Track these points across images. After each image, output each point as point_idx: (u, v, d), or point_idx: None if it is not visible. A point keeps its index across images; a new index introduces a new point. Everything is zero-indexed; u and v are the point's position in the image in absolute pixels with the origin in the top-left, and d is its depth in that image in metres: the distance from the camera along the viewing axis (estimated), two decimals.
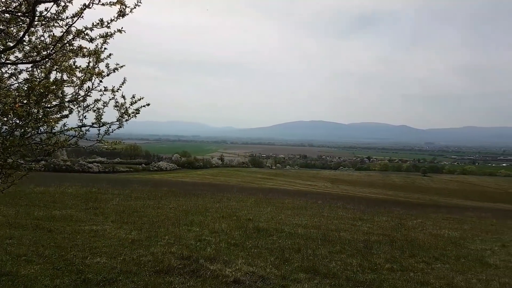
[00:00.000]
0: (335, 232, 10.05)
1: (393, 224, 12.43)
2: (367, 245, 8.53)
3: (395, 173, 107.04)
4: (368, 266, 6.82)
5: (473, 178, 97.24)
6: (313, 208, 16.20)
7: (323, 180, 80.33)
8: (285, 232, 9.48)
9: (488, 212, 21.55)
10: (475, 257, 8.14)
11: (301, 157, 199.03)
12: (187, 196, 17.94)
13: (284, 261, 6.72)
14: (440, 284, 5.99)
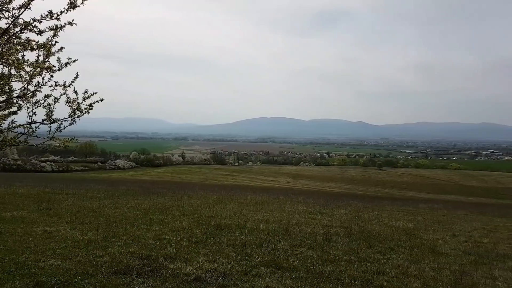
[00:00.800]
0: (296, 226, 10.24)
1: (351, 217, 12.85)
2: (327, 238, 8.77)
3: (353, 168, 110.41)
4: (327, 258, 7.00)
5: (426, 172, 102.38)
6: (275, 203, 16.40)
7: (285, 175, 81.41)
8: (247, 228, 9.51)
9: (440, 203, 22.81)
10: (428, 246, 8.56)
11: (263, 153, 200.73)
12: (146, 194, 17.56)
13: (246, 257, 6.73)
14: (395, 273, 6.26)
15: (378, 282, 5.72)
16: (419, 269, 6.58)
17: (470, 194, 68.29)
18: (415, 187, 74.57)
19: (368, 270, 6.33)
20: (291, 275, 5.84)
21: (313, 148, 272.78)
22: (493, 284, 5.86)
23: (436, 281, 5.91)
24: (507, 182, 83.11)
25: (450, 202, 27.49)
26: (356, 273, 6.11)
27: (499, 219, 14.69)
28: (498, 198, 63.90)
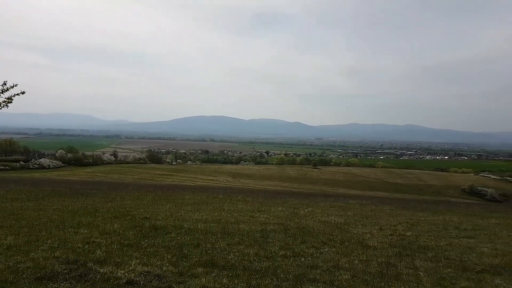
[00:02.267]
0: (234, 224, 10.25)
1: (287, 214, 13.17)
2: (264, 235, 8.90)
3: (290, 166, 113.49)
4: (264, 254, 7.10)
5: (356, 170, 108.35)
6: (214, 202, 16.29)
7: (224, 174, 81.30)
8: (184, 228, 9.32)
9: (368, 199, 24.22)
10: (357, 240, 9.03)
11: (203, 152, 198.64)
12: (75, 196, 16.51)
13: (182, 258, 6.61)
14: (327, 266, 6.53)
15: (312, 276, 5.92)
16: (349, 261, 6.93)
17: (395, 190, 73.74)
18: (346, 184, 78.68)
19: (302, 264, 6.53)
20: (228, 274, 5.84)
21: (253, 147, 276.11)
22: (415, 274, 6.33)
23: (365, 272, 6.26)
24: (428, 180, 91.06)
25: (377, 198, 29.37)
26: (291, 268, 6.27)
27: (421, 213, 15.92)
28: (420, 194, 69.77)
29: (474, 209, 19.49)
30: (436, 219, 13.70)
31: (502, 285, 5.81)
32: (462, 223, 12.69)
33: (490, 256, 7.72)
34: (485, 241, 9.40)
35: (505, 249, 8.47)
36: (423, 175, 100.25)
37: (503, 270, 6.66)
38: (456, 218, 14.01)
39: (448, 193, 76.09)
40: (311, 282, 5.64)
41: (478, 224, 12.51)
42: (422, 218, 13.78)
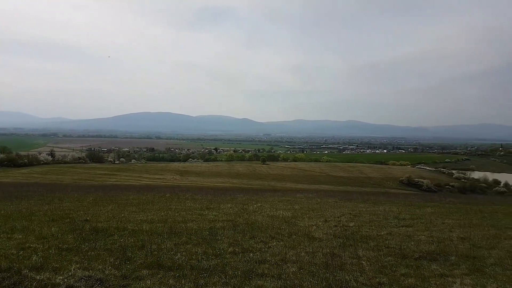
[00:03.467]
0: (182, 223, 10.03)
1: (236, 210, 13.15)
2: (213, 233, 8.78)
3: (239, 163, 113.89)
4: (212, 252, 7.01)
5: (302, 165, 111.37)
6: (160, 202, 15.83)
7: (172, 172, 79.60)
8: (128, 230, 8.95)
9: (314, 193, 24.93)
10: (304, 232, 9.23)
11: (148, 150, 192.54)
12: (8, 199, 15.25)
13: (126, 260, 6.35)
14: (275, 260, 6.58)
15: (260, 271, 5.94)
16: (296, 254, 7.05)
17: (339, 183, 76.83)
18: (294, 179, 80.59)
19: (251, 260, 6.53)
20: (174, 274, 5.69)
21: (201, 144, 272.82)
22: (358, 263, 6.58)
23: (311, 264, 6.40)
24: (369, 172, 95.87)
25: (322, 191, 30.35)
26: (240, 264, 6.25)
27: (362, 204, 16.69)
28: (362, 186, 73.32)
29: (411, 200, 20.77)
30: (376, 209, 14.40)
31: (438, 270, 6.21)
32: (401, 213, 13.46)
33: (426, 243, 8.24)
34: (422, 229, 10.04)
35: (440, 236, 9.09)
36: (364, 168, 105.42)
37: (438, 256, 7.13)
38: (395, 208, 14.83)
39: (387, 185, 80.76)
40: (259, 277, 5.65)
41: (416, 214, 13.34)
42: (364, 209, 14.43)
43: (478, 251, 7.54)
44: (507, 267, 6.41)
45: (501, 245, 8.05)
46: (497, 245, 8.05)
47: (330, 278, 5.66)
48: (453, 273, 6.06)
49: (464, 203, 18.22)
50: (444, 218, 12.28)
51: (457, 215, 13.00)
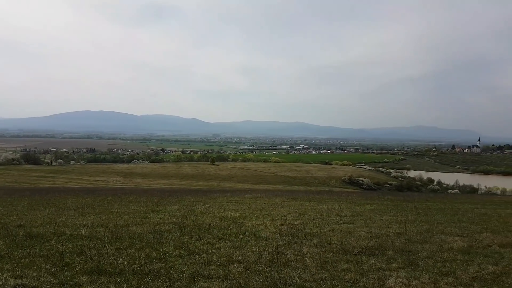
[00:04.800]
0: (124, 227, 9.66)
1: (184, 212, 12.91)
2: (157, 236, 8.55)
3: (187, 163, 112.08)
4: (156, 256, 6.83)
5: (251, 165, 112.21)
6: (101, 205, 15.11)
7: (115, 174, 76.39)
8: (66, 235, 8.46)
9: (262, 193, 25.15)
10: (251, 232, 9.29)
11: (88, 151, 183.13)
12: None
13: (63, 267, 6.05)
14: (221, 261, 6.56)
15: (206, 272, 5.89)
16: (242, 254, 7.08)
17: (286, 183, 78.47)
18: (243, 179, 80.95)
19: (197, 262, 6.46)
20: (116, 279, 5.50)
21: (147, 145, 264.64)
22: (302, 260, 6.76)
23: (257, 263, 6.47)
24: (314, 172, 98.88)
25: (270, 191, 30.75)
26: (185, 267, 6.15)
27: (308, 203, 17.13)
28: (307, 185, 75.47)
29: (352, 197, 21.70)
30: (320, 207, 14.89)
31: (376, 265, 6.55)
32: (343, 210, 14.04)
33: (366, 239, 8.66)
34: (362, 226, 10.54)
35: (378, 232, 9.59)
36: (310, 168, 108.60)
37: (376, 251, 7.52)
38: (337, 206, 15.42)
39: (331, 184, 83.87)
40: (205, 279, 5.60)
41: (356, 211, 13.97)
42: (309, 208, 14.85)
43: (413, 245, 8.05)
44: (438, 259, 6.91)
45: (433, 240, 8.67)
46: (430, 240, 8.66)
47: (275, 275, 5.75)
48: (389, 267, 6.42)
49: (401, 201, 19.37)
50: (382, 214, 12.97)
51: (394, 212, 13.80)
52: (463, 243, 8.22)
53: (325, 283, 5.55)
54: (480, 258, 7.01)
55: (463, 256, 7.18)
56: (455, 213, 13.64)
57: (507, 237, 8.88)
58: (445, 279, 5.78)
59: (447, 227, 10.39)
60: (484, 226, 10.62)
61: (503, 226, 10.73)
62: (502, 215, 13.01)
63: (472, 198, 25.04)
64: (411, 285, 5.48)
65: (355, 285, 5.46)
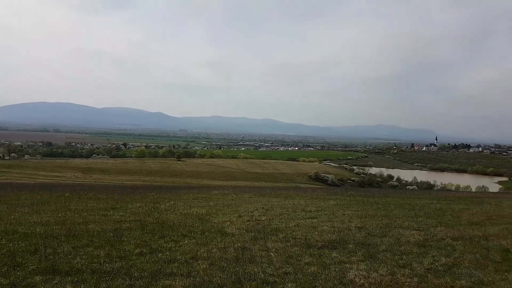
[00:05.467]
0: (82, 225, 9.32)
1: (146, 209, 12.60)
2: (118, 234, 8.30)
3: (152, 159, 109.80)
4: (116, 254, 6.63)
5: (219, 161, 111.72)
6: (58, 202, 14.46)
7: (73, 170, 73.64)
8: (18, 233, 8.05)
9: (230, 189, 25.07)
10: (217, 229, 9.22)
11: (44, 145, 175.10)
12: None
13: (15, 267, 5.76)
14: (185, 258, 6.46)
15: (169, 270, 5.77)
16: (207, 251, 7.01)
17: (254, 179, 78.80)
18: (211, 176, 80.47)
19: (160, 260, 6.32)
20: (72, 279, 5.30)
21: (108, 139, 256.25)
22: (267, 255, 6.78)
23: (222, 259, 6.42)
24: (282, 168, 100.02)
25: (238, 188, 30.74)
26: (147, 265, 6.01)
27: (275, 199, 17.25)
28: (275, 181, 76.14)
29: (318, 193, 22.09)
30: (287, 203, 15.04)
31: (337, 258, 6.70)
32: (308, 205, 14.24)
33: (329, 233, 8.83)
34: (326, 220, 10.73)
35: (340, 226, 9.81)
36: (278, 164, 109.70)
37: (338, 244, 7.68)
38: (303, 202, 15.64)
39: (298, 180, 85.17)
40: (168, 277, 5.48)
41: (321, 206, 14.22)
42: (276, 203, 14.96)
43: (372, 239, 8.29)
44: (396, 252, 7.16)
45: (391, 233, 8.97)
46: (388, 233, 8.95)
47: (239, 271, 5.73)
48: (350, 260, 6.58)
49: (362, 196, 19.93)
50: (345, 209, 13.28)
51: (356, 207, 14.17)
52: (419, 237, 8.54)
53: (288, 277, 5.60)
54: (434, 251, 7.31)
55: (419, 249, 7.46)
56: (413, 208, 14.17)
57: (459, 231, 9.31)
58: (402, 271, 6.00)
59: (404, 221, 10.77)
60: (439, 220, 11.09)
61: (456, 220, 11.25)
62: (455, 210, 13.64)
63: (429, 194, 26.21)
64: (370, 277, 5.63)
65: (317, 278, 5.54)
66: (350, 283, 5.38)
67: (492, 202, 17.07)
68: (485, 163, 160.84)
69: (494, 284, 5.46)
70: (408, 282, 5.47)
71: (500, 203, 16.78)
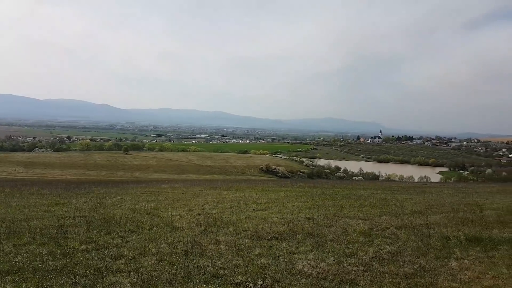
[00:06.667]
0: (24, 222, 8.81)
1: (92, 205, 12.11)
2: (62, 230, 7.91)
3: (97, 153, 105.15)
4: (60, 252, 6.36)
5: (169, 154, 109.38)
6: None
7: (13, 164, 68.78)
8: None
9: (180, 182, 24.69)
10: (166, 223, 9.07)
11: None
12: None
13: None
14: (133, 254, 6.32)
15: (115, 267, 5.63)
16: (156, 246, 6.90)
17: (205, 172, 78.22)
18: (160, 169, 78.71)
19: (106, 257, 6.15)
20: (13, 279, 5.06)
21: (51, 132, 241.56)
22: (217, 248, 6.81)
23: (171, 254, 6.36)
24: (233, 161, 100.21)
25: (189, 181, 30.37)
26: (92, 262, 5.82)
27: (226, 192, 17.26)
28: (227, 174, 76.13)
29: (268, 185, 22.42)
30: (238, 196, 15.14)
31: (287, 248, 6.88)
32: (259, 197, 14.44)
33: (279, 224, 9.03)
34: (276, 212, 10.95)
35: (290, 217, 10.06)
36: (229, 157, 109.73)
37: (288, 235, 7.89)
38: (254, 194, 15.83)
39: (249, 172, 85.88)
40: (114, 273, 5.35)
41: (271, 198, 14.47)
42: (227, 196, 15.00)
43: (320, 229, 8.60)
44: (343, 242, 7.46)
45: (338, 223, 9.34)
46: (335, 223, 9.32)
47: (189, 266, 5.71)
48: (299, 250, 6.79)
49: (311, 187, 20.52)
50: (295, 201, 13.63)
51: (305, 198, 14.58)
52: (365, 226, 8.94)
53: (238, 269, 5.67)
54: (379, 240, 7.65)
55: (364, 238, 7.81)
56: (358, 198, 14.82)
57: (402, 220, 9.80)
58: (348, 259, 6.27)
59: (351, 211, 11.26)
60: (383, 210, 11.62)
61: (400, 209, 11.84)
62: (399, 200, 14.38)
63: (374, 184, 27.53)
64: (318, 266, 5.84)
65: (267, 269, 5.66)
66: (299, 273, 5.55)
67: (433, 191, 18.05)
68: (426, 154, 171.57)
69: (435, 271, 5.73)
70: (354, 270, 5.69)
71: (441, 192, 17.75)
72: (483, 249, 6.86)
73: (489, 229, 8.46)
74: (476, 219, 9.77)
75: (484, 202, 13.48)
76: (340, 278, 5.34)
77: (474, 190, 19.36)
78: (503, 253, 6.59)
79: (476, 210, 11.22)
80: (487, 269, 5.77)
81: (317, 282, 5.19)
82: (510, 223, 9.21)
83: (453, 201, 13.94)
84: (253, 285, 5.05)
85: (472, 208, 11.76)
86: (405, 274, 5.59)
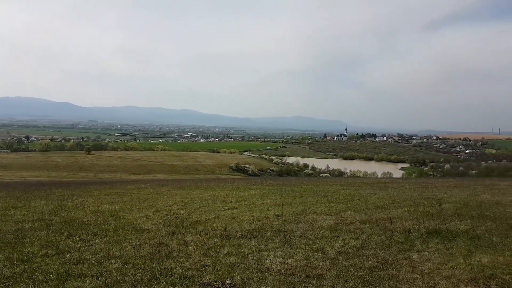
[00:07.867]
0: None
1: (52, 207, 11.60)
2: (20, 235, 7.53)
3: (58, 153, 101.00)
4: (18, 257, 6.06)
5: (135, 154, 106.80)
6: None
7: None
8: None
9: (147, 183, 24.12)
10: (132, 225, 8.83)
11: None
12: None
13: None
14: (96, 258, 6.10)
15: (77, 271, 5.42)
16: (120, 249, 6.70)
17: (173, 172, 77.07)
18: (125, 169, 76.72)
19: (67, 261, 5.91)
20: None
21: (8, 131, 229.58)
22: (185, 249, 6.69)
23: (136, 257, 6.18)
24: (203, 160, 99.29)
25: (156, 181, 29.78)
26: (53, 267, 5.58)
27: (195, 191, 17.06)
28: (196, 173, 75.34)
29: (238, 184, 22.40)
30: (207, 195, 15.00)
31: (256, 246, 6.88)
32: (228, 196, 14.38)
33: (248, 222, 9.02)
34: (245, 210, 10.95)
35: (259, 215, 10.08)
36: (198, 156, 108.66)
37: (257, 233, 7.89)
38: (223, 193, 15.75)
39: (219, 171, 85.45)
40: (77, 278, 5.15)
41: (241, 196, 14.45)
42: (196, 196, 14.83)
43: (289, 225, 8.67)
44: (310, 237, 7.56)
45: (306, 219, 9.46)
46: (303, 219, 9.44)
47: (155, 268, 5.58)
48: (268, 247, 6.80)
49: (280, 185, 20.69)
50: (264, 198, 13.68)
51: (274, 196, 14.68)
52: (331, 221, 9.11)
53: (207, 269, 5.61)
54: (344, 234, 7.81)
55: (330, 233, 7.94)
56: (325, 194, 15.10)
57: (366, 214, 10.07)
58: (315, 255, 6.36)
59: (318, 207, 11.44)
60: (348, 205, 11.91)
61: (364, 204, 12.15)
62: (363, 195, 14.77)
63: (340, 180, 28.11)
64: (286, 263, 5.89)
65: (236, 268, 5.63)
66: (267, 270, 5.56)
67: (395, 187, 18.66)
68: (389, 151, 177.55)
69: (397, 263, 5.88)
70: (321, 265, 5.77)
71: (403, 187, 18.34)
72: (442, 241, 7.14)
73: (447, 221, 8.82)
74: (436, 212, 10.16)
75: (443, 196, 14.06)
76: (307, 273, 5.39)
77: (434, 184, 20.18)
78: (460, 244, 6.89)
79: (435, 204, 11.67)
80: (445, 260, 6.00)
81: (285, 278, 5.22)
82: (467, 215, 9.64)
83: (414, 195, 14.44)
84: (221, 284, 5.00)
85: (432, 202, 12.23)
86: (370, 267, 5.71)
